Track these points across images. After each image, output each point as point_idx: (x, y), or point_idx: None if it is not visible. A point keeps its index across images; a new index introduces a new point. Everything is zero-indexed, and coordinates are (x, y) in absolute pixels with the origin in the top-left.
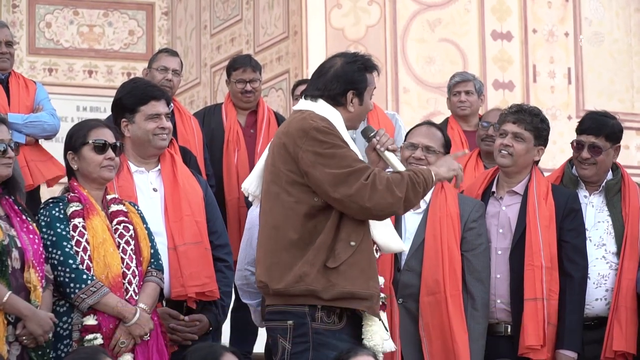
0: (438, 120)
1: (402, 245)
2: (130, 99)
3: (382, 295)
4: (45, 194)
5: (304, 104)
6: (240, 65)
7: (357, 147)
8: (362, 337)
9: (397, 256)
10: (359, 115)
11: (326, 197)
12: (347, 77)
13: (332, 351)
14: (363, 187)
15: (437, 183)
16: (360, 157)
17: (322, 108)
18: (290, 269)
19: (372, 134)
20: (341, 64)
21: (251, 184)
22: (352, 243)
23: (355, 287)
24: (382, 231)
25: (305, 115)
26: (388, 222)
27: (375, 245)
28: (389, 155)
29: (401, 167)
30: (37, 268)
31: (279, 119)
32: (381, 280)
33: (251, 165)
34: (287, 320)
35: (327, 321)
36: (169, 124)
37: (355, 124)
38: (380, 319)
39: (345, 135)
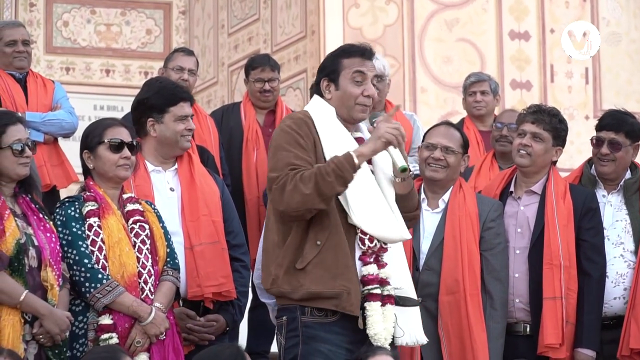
0: (455, 120)
1: (404, 233)
2: (159, 99)
3: (390, 287)
4: (63, 192)
5: None
6: (259, 65)
7: (340, 139)
8: (366, 326)
9: (415, 255)
10: (341, 100)
11: None
12: (321, 68)
13: (321, 343)
14: (276, 192)
15: (363, 160)
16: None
17: (315, 103)
18: (268, 271)
19: (374, 120)
20: None
21: None
22: (318, 242)
23: (319, 287)
24: (372, 224)
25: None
26: (384, 212)
27: (368, 236)
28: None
29: (398, 156)
30: (54, 267)
31: None
32: (387, 273)
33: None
34: (283, 316)
35: (317, 314)
36: (194, 125)
37: (345, 111)
38: (360, 315)
39: (328, 126)
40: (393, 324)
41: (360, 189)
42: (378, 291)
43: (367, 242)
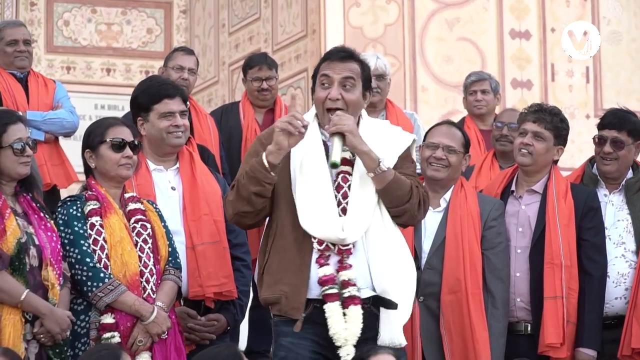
0: (456, 119)
1: (339, 235)
2: (145, 97)
3: (353, 288)
4: (65, 192)
5: None
6: (256, 64)
7: (315, 142)
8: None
9: (417, 254)
10: (316, 105)
11: None
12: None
13: (283, 337)
14: (225, 201)
15: (273, 157)
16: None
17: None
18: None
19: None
20: None
21: None
22: (267, 248)
23: (265, 293)
24: (314, 223)
25: None
26: (326, 212)
27: (316, 239)
28: (336, 141)
29: (334, 149)
30: (55, 266)
31: None
32: (349, 275)
33: None
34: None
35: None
36: (183, 122)
37: (321, 116)
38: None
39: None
40: (359, 326)
41: (309, 191)
42: (334, 291)
43: (316, 245)
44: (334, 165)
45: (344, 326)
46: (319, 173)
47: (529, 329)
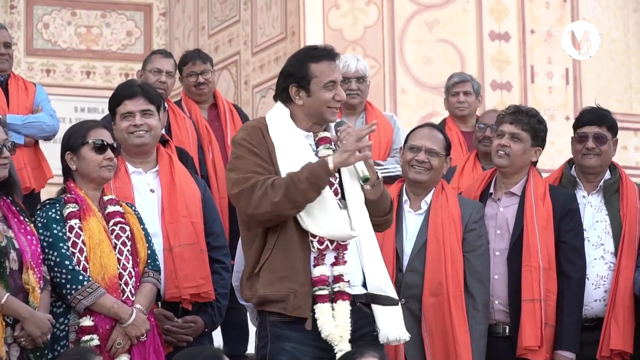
0: (436, 121)
1: (350, 232)
2: (110, 102)
3: (342, 284)
4: (44, 194)
5: None
6: (190, 59)
7: (305, 146)
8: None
9: (398, 257)
10: (314, 107)
11: None
12: (286, 72)
13: (286, 342)
14: (240, 194)
15: (337, 167)
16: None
17: (274, 109)
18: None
19: (338, 128)
20: (287, 61)
21: None
22: (268, 245)
23: (267, 291)
24: (320, 223)
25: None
26: (330, 210)
27: (317, 238)
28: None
29: (361, 166)
30: (35, 269)
31: (239, 111)
32: (342, 270)
33: (225, 160)
34: (258, 318)
35: (284, 314)
36: (145, 120)
37: (317, 118)
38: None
39: (288, 133)
40: (348, 320)
41: None
42: (325, 292)
43: (316, 244)
44: (366, 180)
45: (333, 324)
46: None
47: (507, 331)
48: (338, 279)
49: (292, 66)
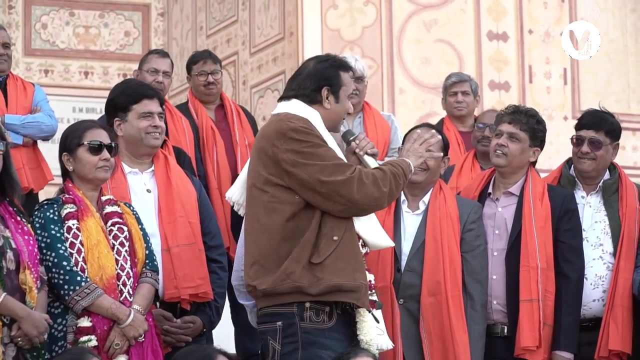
0: (434, 121)
1: (390, 241)
2: (123, 98)
3: (372, 291)
4: (43, 195)
5: (279, 107)
6: (200, 58)
7: (337, 147)
8: (357, 332)
9: (397, 257)
10: (337, 114)
11: (309, 195)
12: (320, 74)
13: (321, 349)
14: (350, 180)
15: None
16: (342, 157)
17: (296, 107)
18: (276, 268)
19: (351, 138)
20: (314, 64)
21: (235, 193)
22: (335, 238)
23: (341, 280)
24: (367, 227)
25: (281, 117)
26: (373, 218)
27: (361, 241)
28: (368, 159)
29: (373, 163)
30: (32, 269)
31: (247, 113)
32: (370, 277)
33: (230, 160)
34: (277, 321)
35: (316, 320)
36: (161, 123)
37: (333, 125)
38: (371, 313)
39: (325, 133)
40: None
41: None
42: (374, 298)
43: (360, 247)
44: None
45: (379, 332)
46: None
47: (506, 331)
48: (371, 286)
49: (327, 70)
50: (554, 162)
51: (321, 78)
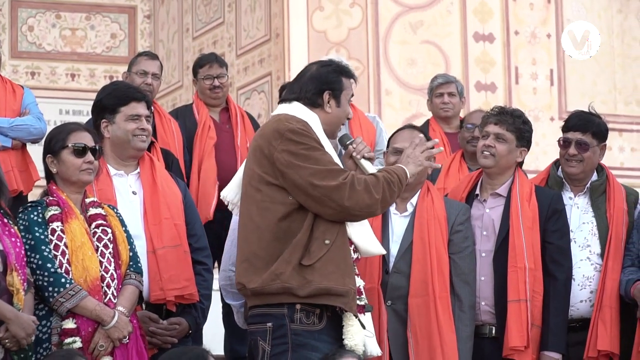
0: (420, 122)
1: (381, 248)
2: (111, 99)
3: (361, 296)
4: (31, 198)
5: (279, 109)
6: (207, 62)
7: (334, 152)
8: (343, 337)
9: (385, 259)
10: (337, 118)
11: (302, 198)
12: (322, 78)
13: (311, 352)
14: (342, 186)
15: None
16: (337, 161)
17: (297, 110)
18: (266, 268)
19: (348, 142)
20: (316, 67)
21: (230, 192)
22: (327, 241)
23: (330, 283)
24: (360, 233)
25: (280, 117)
26: (365, 224)
27: (352, 247)
28: (365, 163)
29: (370, 167)
30: (20, 271)
31: (251, 118)
32: (360, 282)
33: (232, 163)
34: (267, 322)
35: (306, 322)
36: (148, 126)
37: (333, 128)
38: (358, 318)
39: (323, 137)
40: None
41: None
42: (362, 303)
43: (351, 252)
44: None
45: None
46: None
47: (494, 332)
48: (359, 291)
49: (330, 75)
50: (541, 163)
51: (323, 82)
